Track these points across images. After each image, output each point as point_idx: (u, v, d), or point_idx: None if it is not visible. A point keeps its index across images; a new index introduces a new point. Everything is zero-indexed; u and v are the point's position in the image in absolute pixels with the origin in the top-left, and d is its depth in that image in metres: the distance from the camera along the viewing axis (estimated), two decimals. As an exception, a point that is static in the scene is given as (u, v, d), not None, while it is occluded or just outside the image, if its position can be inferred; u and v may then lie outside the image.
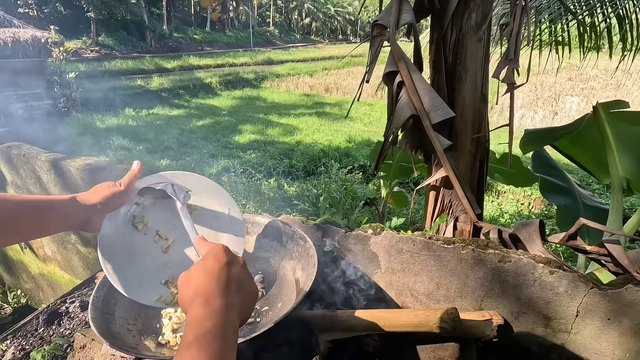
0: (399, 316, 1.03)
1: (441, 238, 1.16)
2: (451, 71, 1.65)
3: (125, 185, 0.91)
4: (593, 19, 3.44)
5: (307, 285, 0.98)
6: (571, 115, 12.44)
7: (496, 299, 1.11)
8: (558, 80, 15.03)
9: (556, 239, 1.28)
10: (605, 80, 15.04)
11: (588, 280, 0.98)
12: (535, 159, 2.75)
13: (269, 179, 6.56)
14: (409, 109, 1.48)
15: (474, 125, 1.70)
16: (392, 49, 1.50)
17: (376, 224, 1.28)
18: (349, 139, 10.46)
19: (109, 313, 1.00)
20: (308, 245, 1.14)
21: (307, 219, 1.37)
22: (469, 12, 1.57)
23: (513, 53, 1.46)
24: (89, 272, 2.39)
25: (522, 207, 6.29)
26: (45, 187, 2.26)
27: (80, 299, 1.47)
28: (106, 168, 1.96)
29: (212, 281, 0.62)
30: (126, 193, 0.92)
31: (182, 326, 1.08)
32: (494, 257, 1.07)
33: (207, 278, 0.62)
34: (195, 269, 0.65)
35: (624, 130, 2.02)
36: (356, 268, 1.29)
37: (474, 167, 1.78)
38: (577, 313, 1.00)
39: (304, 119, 13.07)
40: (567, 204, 2.47)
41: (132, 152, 8.77)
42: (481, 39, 1.59)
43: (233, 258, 0.68)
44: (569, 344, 1.04)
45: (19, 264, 2.93)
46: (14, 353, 1.28)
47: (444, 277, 1.17)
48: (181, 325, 1.08)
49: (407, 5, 1.48)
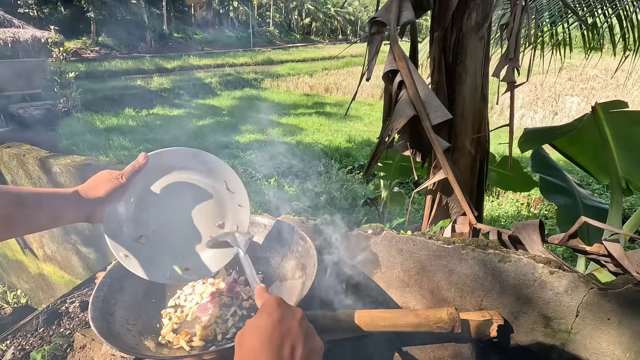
0: (399, 316, 1.03)
1: (441, 238, 1.16)
2: (451, 71, 1.66)
3: (126, 179, 0.89)
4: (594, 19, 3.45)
5: (307, 286, 0.98)
6: (571, 115, 12.43)
7: (496, 299, 1.11)
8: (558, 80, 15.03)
9: (556, 239, 1.28)
10: (605, 80, 15.04)
11: (588, 280, 0.98)
12: (535, 159, 2.75)
13: (269, 179, 6.56)
14: (410, 110, 1.48)
15: (474, 125, 1.70)
16: (392, 47, 1.50)
17: (376, 224, 1.28)
18: (349, 139, 10.46)
19: (109, 313, 1.00)
20: (308, 245, 1.14)
21: (307, 219, 1.37)
22: (469, 12, 1.57)
23: (513, 52, 1.46)
24: (89, 272, 2.39)
25: (522, 207, 6.30)
26: (45, 186, 2.26)
27: (80, 299, 1.47)
28: (106, 168, 1.96)
29: (263, 343, 0.55)
30: (127, 186, 0.91)
31: (181, 326, 1.08)
32: (494, 257, 1.07)
33: (258, 339, 0.56)
34: (247, 327, 0.59)
35: (623, 131, 2.02)
36: (356, 268, 1.29)
37: (474, 167, 1.78)
38: (577, 313, 1.00)
39: (304, 119, 13.07)
40: (567, 203, 2.47)
41: (132, 152, 8.77)
42: (481, 39, 1.59)
43: (287, 312, 0.61)
44: (569, 344, 1.04)
45: (19, 264, 2.93)
46: (14, 353, 1.28)
47: (444, 277, 1.17)
48: (181, 325, 1.08)
49: (407, 2, 1.48)
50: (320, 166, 8.06)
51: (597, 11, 3.42)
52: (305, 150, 9.25)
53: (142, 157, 0.92)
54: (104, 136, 9.84)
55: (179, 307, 1.15)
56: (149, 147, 9.40)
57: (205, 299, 1.16)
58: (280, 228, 1.25)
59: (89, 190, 0.86)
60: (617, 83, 14.16)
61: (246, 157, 8.61)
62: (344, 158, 8.69)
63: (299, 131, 11.42)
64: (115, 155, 8.31)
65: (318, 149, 9.31)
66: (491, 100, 1.85)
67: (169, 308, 1.15)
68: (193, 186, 1.05)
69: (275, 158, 8.63)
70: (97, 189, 0.86)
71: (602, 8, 3.40)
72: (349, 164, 8.25)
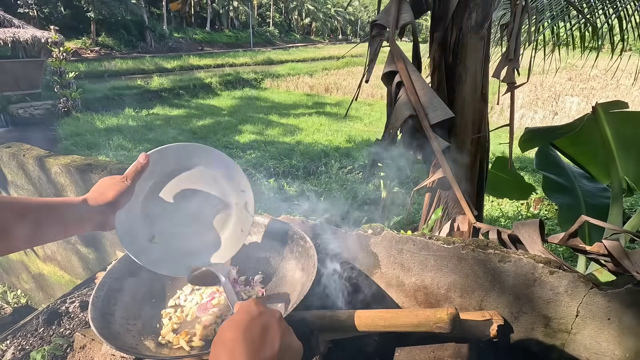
0: (399, 316, 1.03)
1: (441, 238, 1.16)
2: (451, 71, 1.66)
3: (131, 180, 0.89)
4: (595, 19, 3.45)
5: (307, 286, 0.98)
6: (571, 115, 12.42)
7: (496, 299, 1.11)
8: (558, 80, 15.04)
9: (556, 239, 1.28)
10: (605, 80, 15.04)
11: (588, 280, 0.98)
12: (540, 156, 2.71)
13: (269, 179, 6.57)
14: (408, 109, 1.48)
15: (474, 125, 1.70)
16: (391, 49, 1.50)
17: (376, 224, 1.28)
18: (349, 139, 10.46)
19: (109, 313, 1.00)
20: (308, 245, 1.14)
21: (307, 218, 1.37)
22: (469, 12, 1.57)
23: (513, 53, 1.46)
24: (89, 272, 2.39)
25: (522, 208, 6.29)
26: (45, 186, 2.26)
27: (80, 299, 1.47)
28: (106, 167, 1.97)
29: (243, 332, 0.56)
30: (133, 187, 0.90)
31: (181, 326, 1.08)
32: (494, 257, 1.07)
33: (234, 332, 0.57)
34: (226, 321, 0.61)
35: (623, 131, 2.02)
36: (356, 268, 1.29)
37: (473, 167, 1.78)
38: (577, 313, 1.00)
39: (304, 119, 13.06)
40: (569, 203, 2.47)
41: (132, 152, 8.77)
42: (481, 39, 1.59)
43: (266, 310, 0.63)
44: (569, 344, 1.04)
45: (19, 264, 2.93)
46: (14, 353, 1.28)
47: (444, 277, 1.17)
48: (181, 325, 1.08)
49: (406, 5, 1.48)
50: (320, 166, 8.06)
51: (598, 11, 3.42)
52: (305, 150, 9.25)
53: (143, 157, 0.92)
54: (104, 136, 9.84)
55: (179, 307, 1.15)
56: (149, 147, 9.39)
57: (205, 299, 1.16)
58: (280, 228, 1.25)
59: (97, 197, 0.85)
60: (617, 83, 14.15)
61: (246, 157, 8.61)
62: (344, 158, 8.69)
63: (299, 131, 11.42)
64: (115, 155, 8.31)
65: (318, 149, 9.31)
66: (491, 100, 1.85)
67: (169, 308, 1.15)
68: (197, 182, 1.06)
69: (275, 158, 8.64)
70: (104, 194, 0.85)
71: (602, 8, 3.40)
72: (349, 164, 8.25)
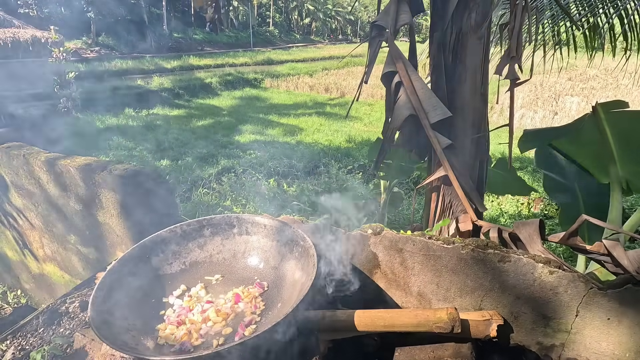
0: (399, 316, 1.03)
1: (441, 238, 1.16)
2: (451, 71, 1.65)
3: None
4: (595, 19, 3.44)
5: (307, 286, 0.98)
6: (571, 115, 12.41)
7: (496, 299, 1.11)
8: (558, 80, 15.02)
9: (556, 238, 1.28)
10: (605, 80, 15.03)
11: (588, 280, 0.98)
12: (540, 155, 2.70)
13: (269, 179, 6.56)
14: (408, 109, 1.48)
15: (474, 125, 1.70)
16: (390, 49, 1.51)
17: (376, 224, 1.27)
18: (349, 139, 10.45)
19: (109, 313, 1.00)
20: (308, 245, 1.14)
21: (307, 218, 1.37)
22: (468, 12, 1.57)
23: (515, 50, 1.46)
24: (89, 272, 2.39)
25: (522, 207, 6.29)
26: (45, 187, 2.26)
27: (80, 299, 1.47)
28: (106, 168, 1.96)
29: None
30: None
31: (181, 326, 1.08)
32: (494, 257, 1.07)
33: None
34: None
35: (623, 130, 2.01)
36: (356, 268, 1.29)
37: (474, 166, 1.78)
38: (577, 313, 1.00)
39: (304, 118, 13.06)
40: (570, 202, 2.46)
41: (132, 152, 8.76)
42: (481, 39, 1.59)
43: None
44: (569, 344, 1.04)
45: (19, 264, 2.93)
46: (14, 353, 1.28)
47: (444, 277, 1.17)
48: (180, 325, 1.08)
49: (404, 6, 1.48)
50: (321, 166, 8.06)
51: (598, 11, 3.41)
52: (305, 150, 9.25)
53: None
54: (104, 136, 9.83)
55: (179, 307, 1.15)
56: (149, 146, 9.41)
57: (204, 301, 1.16)
58: (280, 228, 1.25)
59: None
60: (617, 83, 14.14)
61: (246, 157, 8.61)
62: (344, 158, 8.69)
63: (299, 131, 11.42)
64: (115, 155, 8.30)
65: (318, 149, 9.31)
66: (491, 100, 1.85)
67: (168, 308, 1.15)
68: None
69: (275, 158, 8.63)
70: None
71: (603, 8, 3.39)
72: (348, 164, 8.24)
